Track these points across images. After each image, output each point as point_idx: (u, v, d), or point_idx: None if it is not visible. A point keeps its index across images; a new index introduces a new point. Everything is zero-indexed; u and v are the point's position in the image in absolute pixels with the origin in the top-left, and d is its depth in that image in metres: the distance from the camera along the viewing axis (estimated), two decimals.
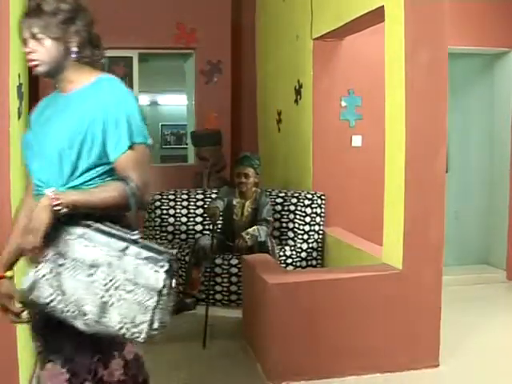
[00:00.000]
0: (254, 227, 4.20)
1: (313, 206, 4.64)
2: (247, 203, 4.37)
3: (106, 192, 1.54)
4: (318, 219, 4.66)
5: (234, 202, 4.38)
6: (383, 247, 3.43)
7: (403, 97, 3.15)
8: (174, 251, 4.55)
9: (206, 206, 4.87)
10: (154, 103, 10.38)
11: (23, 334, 2.93)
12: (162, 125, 10.35)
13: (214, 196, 4.93)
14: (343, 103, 4.75)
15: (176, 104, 9.88)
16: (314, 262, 4.65)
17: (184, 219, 4.88)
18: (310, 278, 3.24)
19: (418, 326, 3.26)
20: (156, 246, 1.52)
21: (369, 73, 4.68)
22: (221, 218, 4.34)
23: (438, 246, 3.23)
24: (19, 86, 2.97)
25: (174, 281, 1.50)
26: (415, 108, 3.14)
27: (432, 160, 3.20)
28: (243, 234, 4.13)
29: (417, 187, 3.18)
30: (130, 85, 6.13)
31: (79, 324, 1.47)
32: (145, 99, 9.90)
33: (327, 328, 3.14)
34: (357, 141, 4.79)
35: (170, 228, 4.83)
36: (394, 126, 3.27)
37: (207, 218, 4.62)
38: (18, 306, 1.64)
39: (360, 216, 4.77)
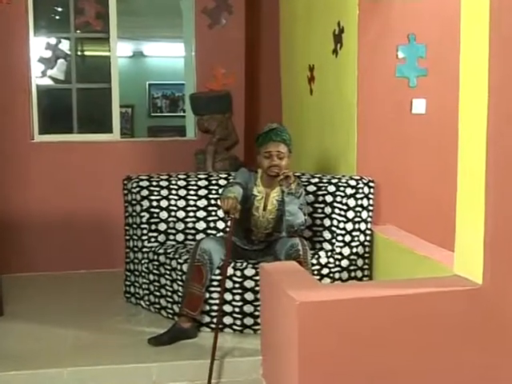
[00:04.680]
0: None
1: (357, 196, 4.62)
2: (273, 193, 4.35)
3: None
4: (364, 214, 4.65)
5: (255, 191, 4.36)
6: (455, 254, 3.41)
7: (486, 43, 3.10)
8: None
9: (219, 194, 4.86)
10: (138, 54, 10.41)
11: None
12: (149, 84, 10.40)
13: (222, 182, 4.93)
14: (400, 54, 4.71)
15: (169, 56, 9.90)
16: (360, 273, 4.65)
17: (181, 214, 4.89)
18: (354, 294, 3.23)
19: (505, 362, 3.23)
20: None
21: (436, 11, 4.64)
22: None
23: None
24: None
25: None
26: (503, 59, 3.09)
27: None
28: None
29: (504, 173, 3.14)
30: (106, 28, 6.14)
31: None
32: (126, 49, 9.92)
33: (378, 363, 3.14)
34: (419, 106, 4.75)
35: (163, 226, 4.85)
36: (473, 85, 3.23)
37: (222, 213, 4.56)
38: None
39: (423, 210, 4.76)
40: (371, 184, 4.69)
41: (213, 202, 4.88)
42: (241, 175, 4.41)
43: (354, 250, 4.63)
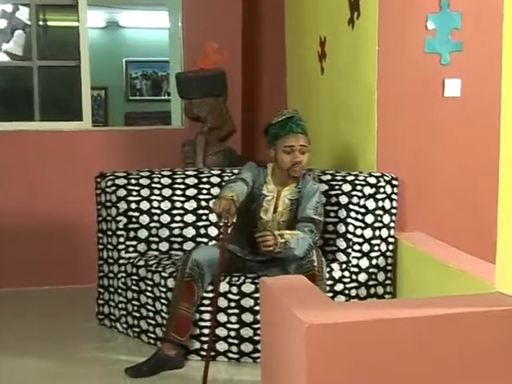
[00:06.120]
0: (294, 232, 4.14)
1: (378, 196, 4.64)
2: (285, 191, 4.35)
3: None
4: (386, 219, 4.67)
5: (265, 191, 4.35)
6: (497, 267, 3.42)
7: None
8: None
9: (211, 193, 4.87)
10: (113, 25, 10.41)
11: None
12: (126, 61, 10.39)
13: (214, 180, 4.94)
14: (430, 25, 4.72)
15: (151, 27, 9.91)
16: (381, 290, 4.67)
17: (166, 218, 4.91)
18: (374, 315, 3.24)
19: None
20: None
21: None
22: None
23: None
24: None
25: None
26: None
27: None
28: (276, 233, 4.03)
29: None
30: None
31: None
32: (98, 18, 9.93)
33: None
34: (453, 88, 4.76)
35: (143, 233, 4.87)
36: None
37: (214, 216, 4.58)
38: None
39: (457, 214, 4.77)
40: (394, 182, 4.71)
41: (203, 203, 4.89)
42: (248, 170, 4.37)
43: (374, 262, 4.65)
